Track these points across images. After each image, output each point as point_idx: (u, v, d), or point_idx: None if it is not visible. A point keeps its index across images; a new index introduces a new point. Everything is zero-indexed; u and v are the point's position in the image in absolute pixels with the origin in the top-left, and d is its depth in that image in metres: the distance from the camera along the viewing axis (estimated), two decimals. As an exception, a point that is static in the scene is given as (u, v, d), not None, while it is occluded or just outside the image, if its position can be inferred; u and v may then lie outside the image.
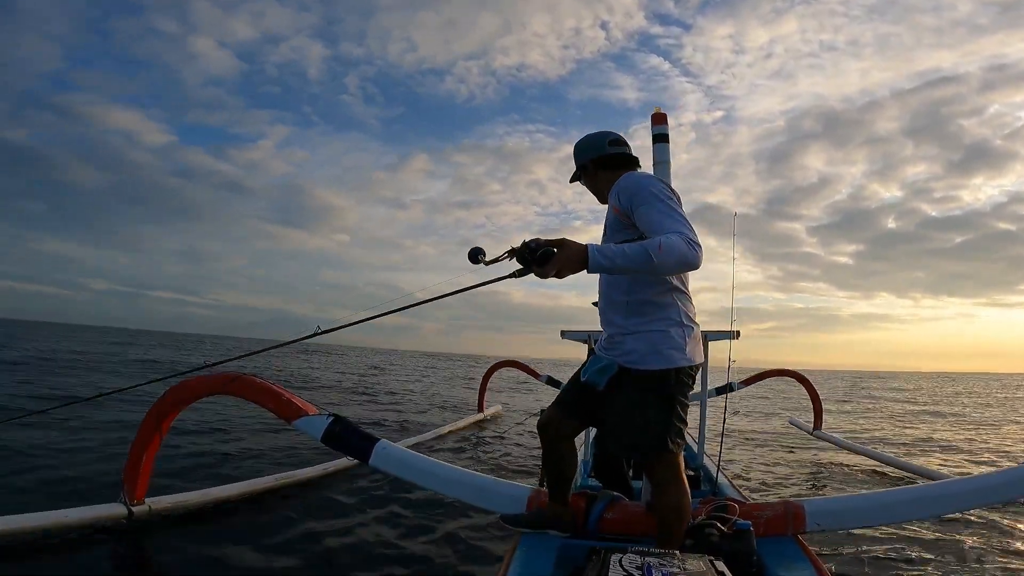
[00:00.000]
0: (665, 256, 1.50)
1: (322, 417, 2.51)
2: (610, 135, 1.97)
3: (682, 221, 1.61)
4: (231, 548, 2.67)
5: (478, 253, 1.65)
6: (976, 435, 9.67)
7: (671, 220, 1.61)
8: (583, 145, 1.99)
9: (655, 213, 1.64)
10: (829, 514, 2.10)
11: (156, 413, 2.78)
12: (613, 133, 1.97)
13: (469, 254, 1.65)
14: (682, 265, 1.57)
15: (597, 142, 1.96)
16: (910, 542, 3.24)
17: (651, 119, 2.65)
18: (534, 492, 2.28)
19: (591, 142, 1.97)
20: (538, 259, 1.49)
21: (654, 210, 1.65)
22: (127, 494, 2.77)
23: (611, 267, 1.53)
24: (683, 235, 1.54)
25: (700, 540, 1.77)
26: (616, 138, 1.96)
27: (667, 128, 2.63)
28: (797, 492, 4.88)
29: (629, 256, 1.50)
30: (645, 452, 1.78)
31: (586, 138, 2.00)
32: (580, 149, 1.99)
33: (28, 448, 4.28)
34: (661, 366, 1.73)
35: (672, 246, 1.51)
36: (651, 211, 1.65)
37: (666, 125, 2.62)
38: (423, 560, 2.73)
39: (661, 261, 1.50)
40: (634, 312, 1.78)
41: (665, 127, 2.62)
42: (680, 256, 1.52)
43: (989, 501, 2.11)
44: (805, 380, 7.78)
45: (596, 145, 1.96)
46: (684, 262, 1.55)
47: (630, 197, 1.73)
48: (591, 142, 1.97)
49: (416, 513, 3.44)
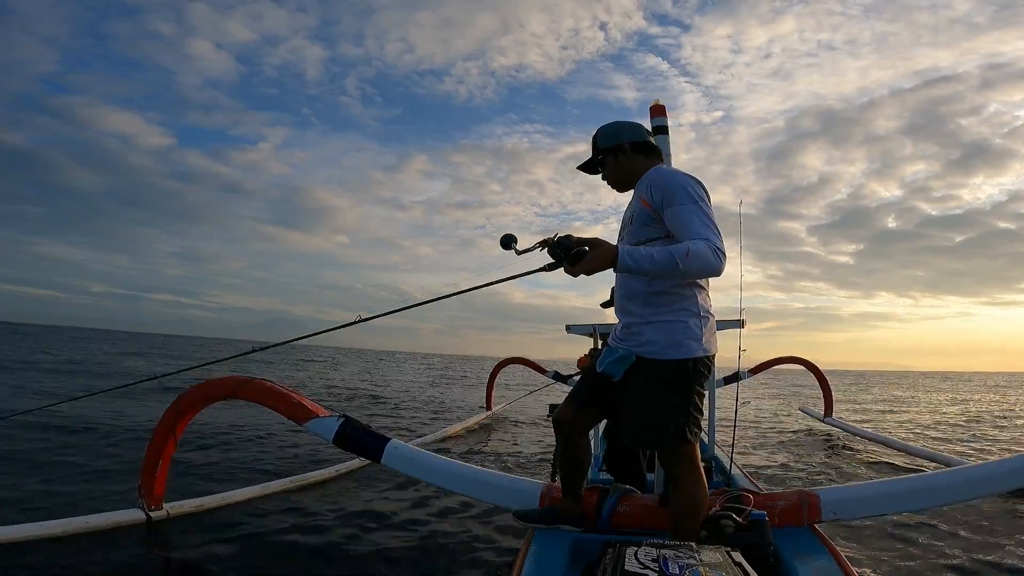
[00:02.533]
0: (691, 263, 1.56)
1: (333, 419, 2.52)
2: (642, 125, 1.97)
3: (711, 228, 1.64)
4: (249, 550, 2.69)
5: (511, 240, 1.68)
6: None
7: (702, 226, 1.63)
8: (618, 128, 1.94)
9: (688, 216, 1.66)
10: (845, 503, 2.09)
11: (169, 418, 2.80)
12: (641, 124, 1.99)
13: (502, 240, 1.68)
14: (705, 272, 1.65)
15: (635, 126, 1.95)
16: (928, 529, 3.22)
17: (650, 111, 2.63)
18: (546, 487, 2.28)
19: (629, 125, 1.95)
20: (571, 257, 1.54)
21: (687, 212, 1.66)
22: (144, 499, 2.80)
23: (637, 269, 1.59)
24: (710, 243, 1.59)
25: (715, 532, 1.76)
26: (647, 128, 1.97)
27: (666, 120, 2.61)
28: (811, 481, 4.85)
29: (656, 260, 1.57)
30: (663, 444, 1.77)
31: (620, 122, 1.97)
32: (614, 132, 1.94)
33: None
34: (680, 356, 1.72)
35: (698, 254, 1.57)
36: (684, 213, 1.66)
37: (665, 117, 2.60)
38: (437, 557, 2.74)
39: (686, 268, 1.57)
40: (653, 302, 1.78)
41: (664, 119, 2.61)
42: (705, 264, 1.59)
43: (1009, 487, 2.07)
44: (814, 367, 7.73)
45: (635, 129, 1.94)
46: (708, 270, 1.62)
47: (664, 194, 1.72)
48: (629, 125, 1.95)
49: (428, 511, 3.46)
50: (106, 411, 6.58)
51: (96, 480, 3.80)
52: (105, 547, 2.57)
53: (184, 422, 2.88)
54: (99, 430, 5.52)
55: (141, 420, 6.03)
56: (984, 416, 12.02)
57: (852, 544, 2.94)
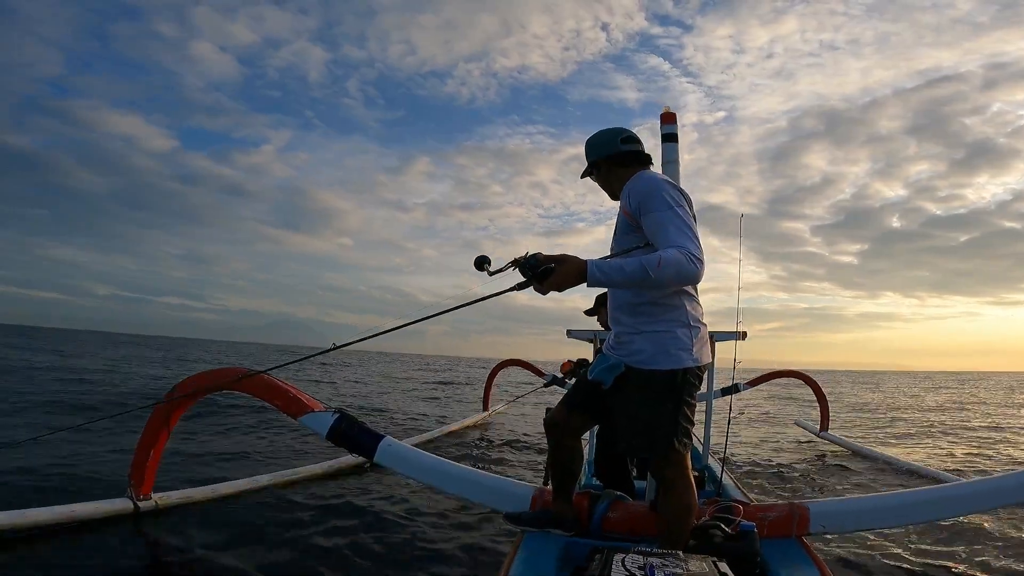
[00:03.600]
0: (663, 272, 1.53)
1: (328, 414, 2.52)
2: (623, 132, 1.94)
3: (688, 234, 1.61)
4: (235, 542, 2.69)
5: (484, 262, 1.67)
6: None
7: (676, 232, 1.60)
8: (595, 142, 1.96)
9: (662, 222, 1.63)
10: (834, 516, 2.09)
11: (163, 409, 2.80)
12: (626, 130, 1.94)
13: (475, 261, 1.68)
14: (681, 280, 1.61)
15: (610, 139, 1.93)
16: (916, 545, 3.22)
17: (660, 118, 2.63)
18: (538, 491, 2.28)
19: (604, 139, 1.94)
20: (539, 275, 1.55)
21: (662, 218, 1.64)
22: (133, 489, 2.80)
23: (607, 282, 1.58)
24: (685, 250, 1.55)
25: (704, 541, 1.76)
26: (629, 135, 1.93)
27: (676, 128, 2.61)
28: (802, 494, 4.85)
29: (626, 272, 1.54)
30: (653, 451, 1.77)
31: (598, 135, 1.97)
32: (592, 146, 1.96)
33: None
34: (668, 366, 1.73)
35: (670, 262, 1.53)
36: (659, 219, 1.64)
37: (675, 124, 2.60)
38: (425, 558, 2.74)
39: (659, 277, 1.53)
40: (642, 312, 1.78)
41: (674, 126, 2.60)
42: (678, 272, 1.55)
43: (1000, 504, 2.08)
44: (812, 381, 7.72)
45: (609, 142, 1.92)
46: (683, 278, 1.58)
47: (640, 201, 1.71)
48: (604, 139, 1.94)
49: (419, 510, 3.45)
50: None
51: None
52: (91, 537, 2.57)
53: (178, 413, 2.88)
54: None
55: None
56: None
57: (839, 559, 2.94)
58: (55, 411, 6.53)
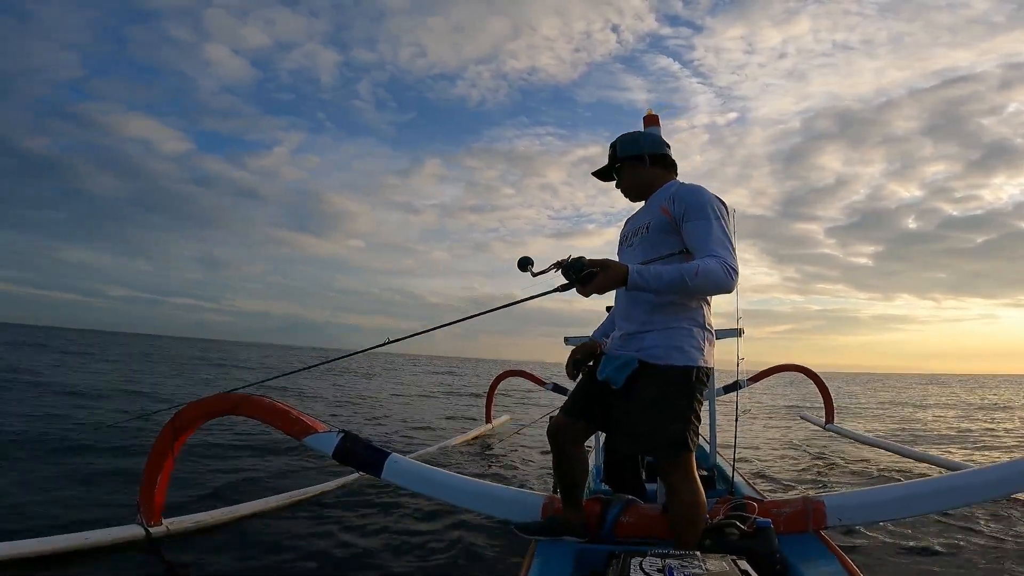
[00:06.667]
0: (700, 281, 1.59)
1: (332, 434, 2.50)
2: (663, 138, 2.03)
3: (727, 246, 1.67)
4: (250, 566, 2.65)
5: (527, 263, 1.73)
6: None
7: (718, 243, 1.66)
8: (639, 137, 1.99)
9: (705, 232, 1.68)
10: (850, 509, 2.07)
11: (168, 434, 2.78)
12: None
13: (519, 262, 1.74)
14: (716, 290, 1.67)
15: (658, 139, 2.01)
16: (935, 534, 3.19)
17: (643, 121, 2.63)
18: (548, 499, 2.26)
19: (652, 137, 2.01)
20: (583, 278, 1.59)
21: (706, 228, 1.69)
22: (144, 515, 2.77)
23: (647, 287, 1.61)
24: (723, 261, 1.61)
25: (720, 540, 1.74)
26: (667, 143, 2.02)
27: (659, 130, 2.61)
28: (815, 488, 4.82)
29: (664, 280, 1.59)
30: (663, 450, 1.76)
31: (640, 132, 2.04)
32: (634, 141, 1.98)
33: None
34: (684, 363, 1.74)
35: (708, 272, 1.59)
36: (703, 228, 1.69)
37: (658, 127, 2.60)
38: (438, 573, 2.71)
39: (696, 285, 1.59)
40: (659, 310, 1.79)
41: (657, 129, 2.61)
42: (715, 282, 1.61)
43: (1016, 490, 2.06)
44: (813, 374, 7.68)
45: (657, 141, 1.99)
46: (718, 287, 1.64)
47: (687, 207, 1.74)
48: (652, 137, 2.01)
49: (429, 525, 3.42)
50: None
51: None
52: (104, 564, 2.53)
53: (182, 439, 2.85)
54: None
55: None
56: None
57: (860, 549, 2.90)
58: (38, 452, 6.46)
